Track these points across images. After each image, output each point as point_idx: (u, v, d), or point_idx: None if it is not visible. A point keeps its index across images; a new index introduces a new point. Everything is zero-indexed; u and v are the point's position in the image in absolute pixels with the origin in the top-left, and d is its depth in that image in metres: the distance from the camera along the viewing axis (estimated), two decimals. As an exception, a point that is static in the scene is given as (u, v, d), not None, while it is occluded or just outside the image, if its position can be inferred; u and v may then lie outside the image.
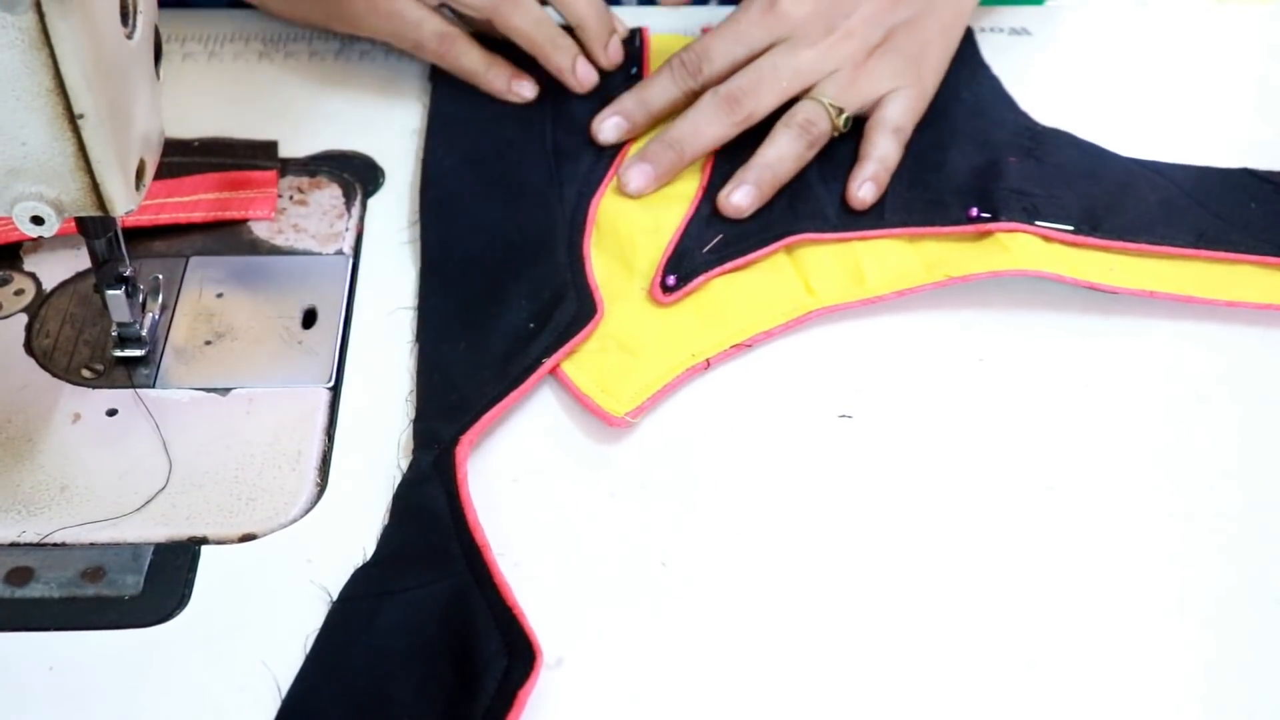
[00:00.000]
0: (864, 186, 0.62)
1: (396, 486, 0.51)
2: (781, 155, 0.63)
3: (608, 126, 0.66)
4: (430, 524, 0.49)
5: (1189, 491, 0.52)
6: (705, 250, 0.60)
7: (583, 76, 0.68)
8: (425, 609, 0.46)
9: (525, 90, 0.67)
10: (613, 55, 0.69)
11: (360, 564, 0.48)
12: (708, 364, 0.56)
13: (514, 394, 0.53)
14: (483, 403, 0.53)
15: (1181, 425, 0.55)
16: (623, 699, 0.45)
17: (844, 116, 0.64)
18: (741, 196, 0.62)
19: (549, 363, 0.55)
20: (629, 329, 0.57)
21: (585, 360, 0.56)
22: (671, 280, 0.58)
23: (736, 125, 0.64)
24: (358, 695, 0.44)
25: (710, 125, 0.64)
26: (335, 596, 0.47)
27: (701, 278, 0.59)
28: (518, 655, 0.44)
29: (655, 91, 0.66)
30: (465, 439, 0.51)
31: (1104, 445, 0.54)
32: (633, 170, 0.64)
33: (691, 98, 0.65)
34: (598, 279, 0.59)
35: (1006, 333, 0.58)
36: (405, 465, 0.51)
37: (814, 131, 0.64)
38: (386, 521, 0.49)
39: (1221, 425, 0.55)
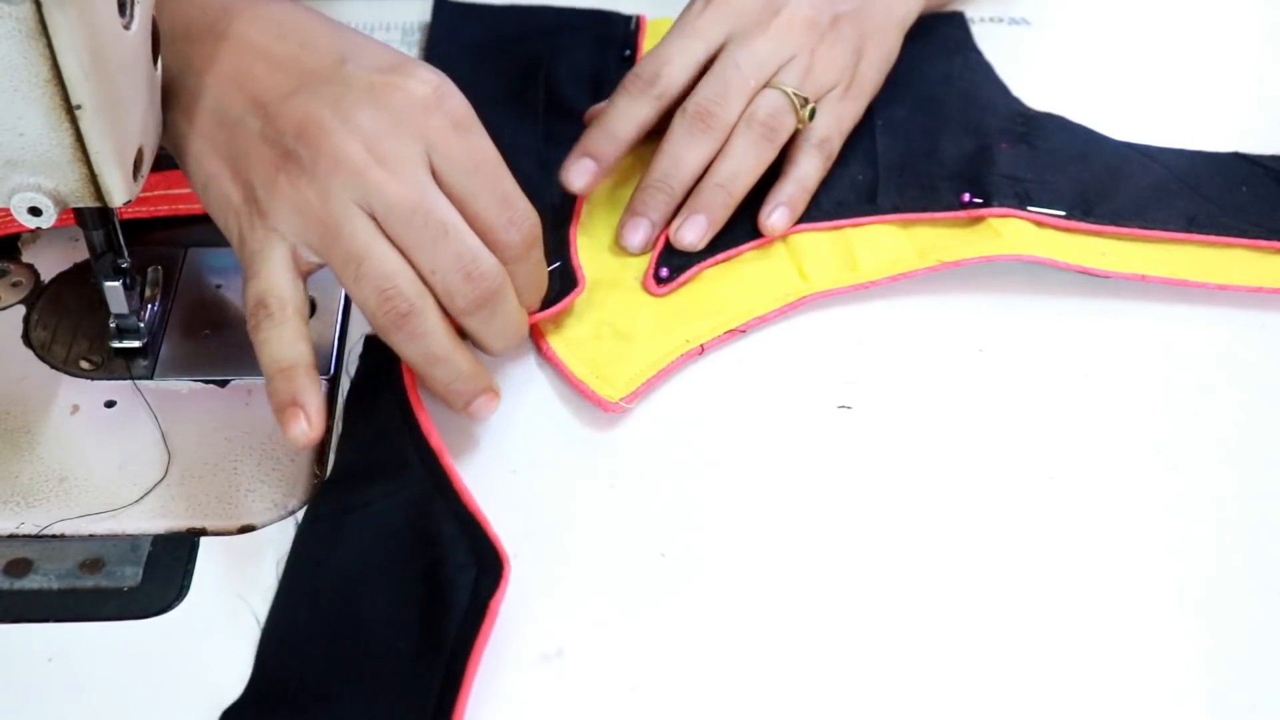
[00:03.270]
0: (776, 212, 0.60)
1: (345, 395, 0.51)
2: (738, 170, 0.59)
3: (577, 172, 0.59)
4: (384, 429, 0.49)
5: (1189, 480, 0.52)
6: (700, 248, 0.60)
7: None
8: (389, 522, 0.47)
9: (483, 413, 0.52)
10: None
11: (321, 482, 0.49)
12: (702, 349, 0.56)
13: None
14: None
15: (1182, 414, 0.55)
16: (622, 690, 0.45)
17: (809, 108, 0.60)
18: (692, 233, 0.58)
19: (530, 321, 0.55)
20: (624, 316, 0.57)
21: (580, 346, 0.56)
22: (665, 272, 0.58)
23: (717, 140, 0.59)
24: (333, 617, 0.45)
25: (690, 151, 0.59)
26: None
27: (694, 269, 0.59)
28: (486, 564, 0.45)
29: (618, 119, 0.60)
30: None
31: (1104, 434, 0.54)
32: (627, 228, 0.60)
33: (659, 111, 0.60)
34: (592, 269, 0.59)
35: (1006, 323, 0.58)
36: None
37: (778, 129, 0.60)
38: (340, 433, 0.50)
39: (1221, 413, 0.55)
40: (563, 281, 0.57)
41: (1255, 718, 0.45)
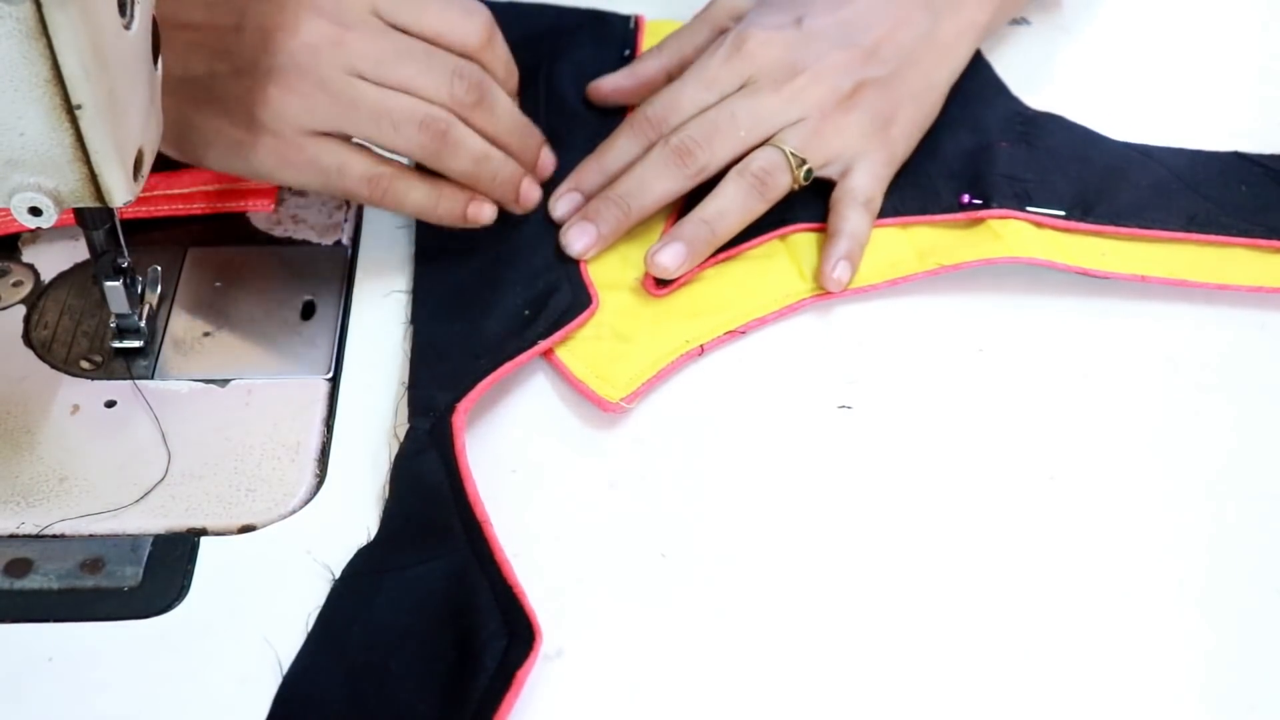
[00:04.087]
0: (839, 266, 0.57)
1: (395, 457, 0.51)
2: (725, 210, 0.58)
3: (563, 204, 0.60)
4: (431, 499, 0.49)
5: (1189, 480, 0.52)
6: None
7: (525, 199, 0.59)
8: (426, 585, 0.46)
9: (484, 214, 0.58)
10: (543, 169, 0.61)
11: (363, 545, 0.48)
12: (701, 350, 0.56)
13: (509, 365, 0.53)
14: (478, 374, 0.53)
15: (1182, 413, 0.55)
16: (622, 690, 0.45)
17: (805, 168, 0.59)
18: (668, 258, 0.57)
19: (545, 343, 0.55)
20: (624, 317, 0.57)
21: (581, 347, 0.56)
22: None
23: (689, 179, 0.58)
24: (358, 671, 0.44)
25: (659, 180, 0.58)
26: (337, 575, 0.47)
27: (694, 269, 0.59)
28: (517, 635, 0.44)
29: (615, 157, 0.60)
30: (461, 407, 0.51)
31: (1104, 434, 0.54)
32: (574, 230, 0.59)
33: None
34: (592, 268, 0.59)
35: (1006, 322, 0.58)
36: (402, 435, 0.51)
37: (770, 185, 0.58)
38: (387, 497, 0.50)
39: (1221, 413, 0.55)
40: (574, 297, 0.57)
41: (1255, 718, 0.45)
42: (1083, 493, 0.52)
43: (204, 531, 0.49)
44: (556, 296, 0.57)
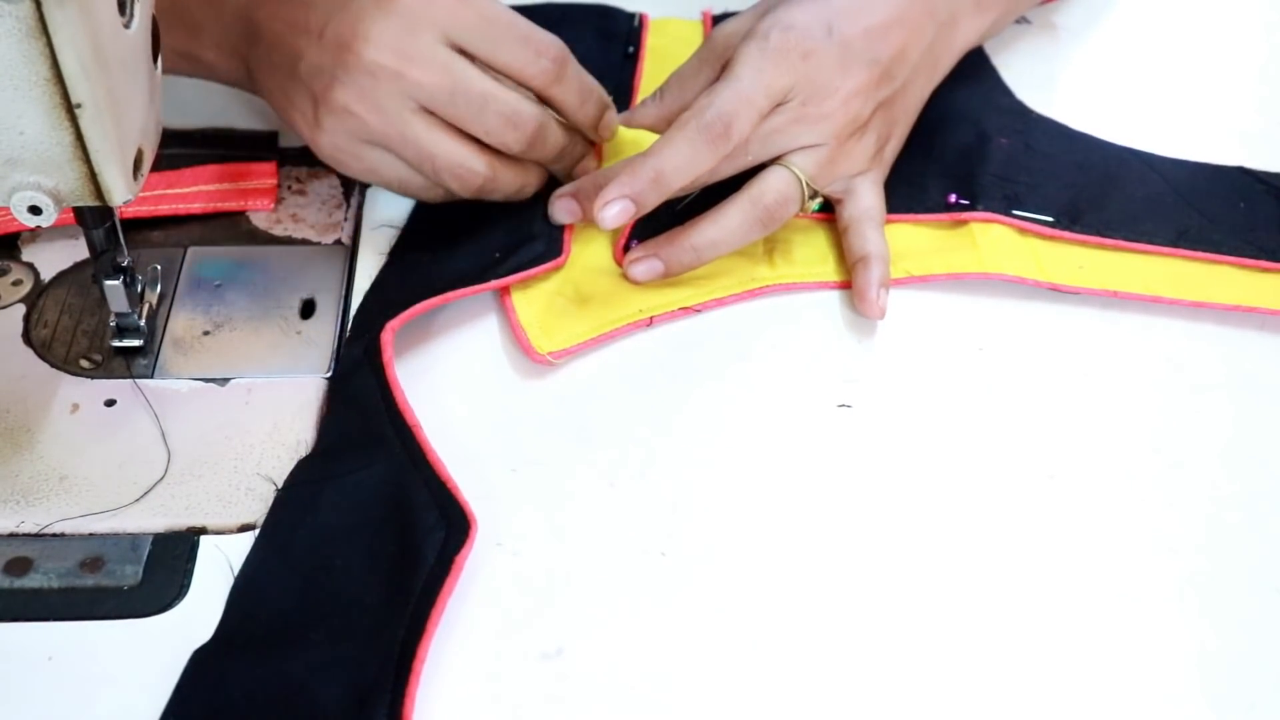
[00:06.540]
0: (882, 295, 0.57)
1: (329, 379, 0.53)
2: (719, 241, 0.57)
3: (613, 213, 0.55)
4: (364, 410, 0.51)
5: (1188, 479, 0.52)
6: (677, 210, 0.59)
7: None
8: (365, 489, 0.49)
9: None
10: (603, 134, 0.61)
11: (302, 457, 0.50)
12: (650, 321, 0.57)
13: (450, 295, 0.55)
14: (420, 299, 0.55)
15: (1181, 415, 0.55)
16: (622, 690, 0.45)
17: (816, 200, 0.59)
18: (642, 273, 0.58)
19: (498, 282, 0.56)
20: (587, 277, 0.58)
21: (539, 297, 0.57)
22: (635, 244, 0.59)
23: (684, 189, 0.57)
24: (305, 572, 0.46)
25: (691, 160, 0.56)
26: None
27: None
28: (454, 526, 0.47)
29: (677, 169, 0.56)
30: (390, 325, 0.53)
31: (1103, 434, 0.54)
32: (559, 204, 0.59)
33: (718, 164, 0.57)
34: (576, 226, 0.60)
35: (1006, 322, 0.58)
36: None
37: (779, 218, 0.58)
38: (323, 413, 0.52)
39: (1220, 415, 0.55)
40: (548, 246, 0.58)
41: (1255, 717, 0.45)
42: (1082, 492, 0.52)
43: (204, 530, 0.49)
44: (530, 245, 0.58)
